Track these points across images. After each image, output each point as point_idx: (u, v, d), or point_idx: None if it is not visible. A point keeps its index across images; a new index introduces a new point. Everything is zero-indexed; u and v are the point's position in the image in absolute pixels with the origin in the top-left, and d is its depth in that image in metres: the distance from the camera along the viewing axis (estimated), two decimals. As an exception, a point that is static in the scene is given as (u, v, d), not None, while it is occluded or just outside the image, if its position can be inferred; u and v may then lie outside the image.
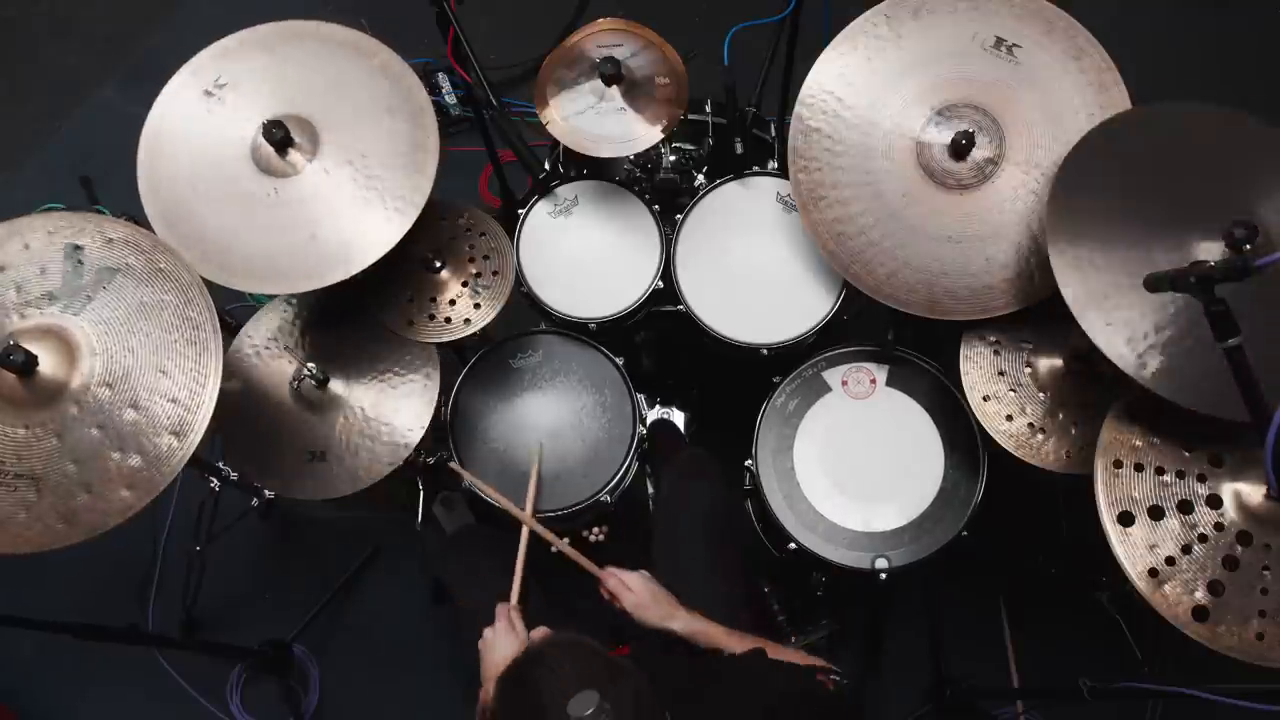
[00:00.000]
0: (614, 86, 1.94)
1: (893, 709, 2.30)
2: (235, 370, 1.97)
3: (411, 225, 1.75)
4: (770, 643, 1.50)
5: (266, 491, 1.92)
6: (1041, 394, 1.82)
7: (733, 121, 2.14)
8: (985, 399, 1.83)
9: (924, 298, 1.78)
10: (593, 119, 1.94)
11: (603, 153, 1.95)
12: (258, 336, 2.01)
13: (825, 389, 1.99)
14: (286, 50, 1.87)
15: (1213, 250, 1.48)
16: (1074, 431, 1.79)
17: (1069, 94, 1.76)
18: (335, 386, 1.93)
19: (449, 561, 2.08)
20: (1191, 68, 2.99)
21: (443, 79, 2.89)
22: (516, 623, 1.57)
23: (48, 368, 1.54)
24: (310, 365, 1.88)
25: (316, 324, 2.02)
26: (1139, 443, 1.57)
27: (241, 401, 1.94)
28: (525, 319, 2.14)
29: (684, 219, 2.10)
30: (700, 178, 2.21)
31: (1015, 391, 1.83)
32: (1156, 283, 1.38)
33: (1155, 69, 2.05)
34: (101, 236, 1.64)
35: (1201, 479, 1.54)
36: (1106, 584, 2.13)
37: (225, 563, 2.43)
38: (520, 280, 2.06)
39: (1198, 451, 1.55)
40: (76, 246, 1.63)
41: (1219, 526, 1.50)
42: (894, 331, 2.06)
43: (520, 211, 2.13)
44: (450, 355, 2.05)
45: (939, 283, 1.78)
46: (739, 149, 2.14)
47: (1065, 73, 1.77)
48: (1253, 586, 1.46)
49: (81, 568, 2.42)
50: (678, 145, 2.21)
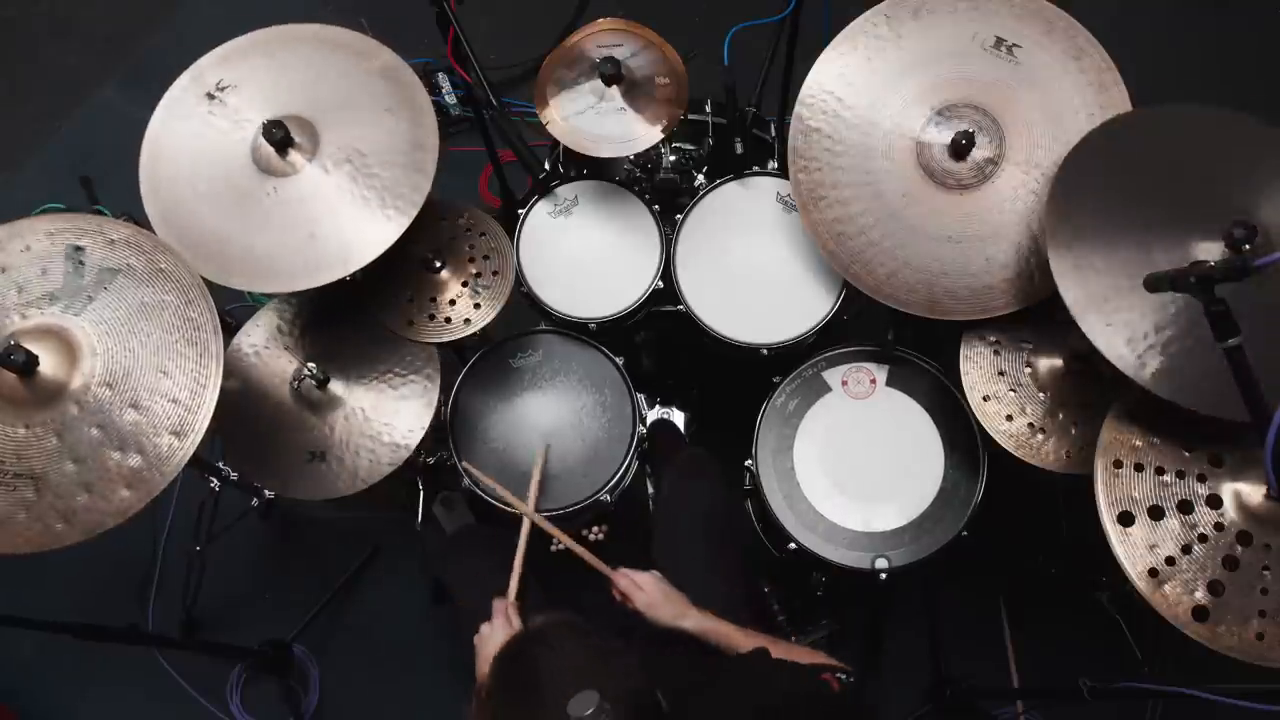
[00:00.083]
0: (614, 86, 1.94)
1: (893, 709, 2.30)
2: (234, 369, 1.97)
3: (411, 225, 1.75)
4: (780, 641, 1.50)
5: (266, 491, 1.92)
6: (1041, 394, 1.82)
7: (733, 121, 2.14)
8: (985, 399, 1.83)
9: (924, 298, 1.78)
10: (593, 119, 1.95)
11: (603, 153, 1.95)
12: (257, 336, 2.01)
13: (825, 389, 1.99)
14: (287, 52, 1.87)
15: (1212, 250, 1.48)
16: (1074, 431, 1.79)
17: (1069, 94, 1.76)
18: (335, 387, 1.93)
19: (449, 561, 2.08)
20: (1191, 68, 2.99)
21: (443, 79, 2.89)
22: (513, 618, 1.56)
23: (48, 368, 1.54)
24: (310, 365, 1.88)
25: (316, 324, 2.02)
26: (1139, 443, 1.57)
27: (241, 401, 1.94)
28: (525, 319, 2.14)
29: (684, 219, 2.10)
30: (700, 178, 2.21)
31: (1015, 391, 1.83)
32: (1156, 283, 1.38)
33: (1155, 69, 2.05)
34: (103, 237, 1.64)
35: (1201, 479, 1.54)
36: (1106, 584, 2.13)
37: (225, 563, 2.43)
38: (520, 280, 2.06)
39: (1198, 451, 1.55)
40: (78, 247, 1.63)
41: (1219, 526, 1.50)
42: (894, 331, 2.06)
43: (520, 211, 2.13)
44: (450, 355, 2.05)
45: (939, 283, 1.78)
46: (739, 149, 2.14)
47: (1065, 73, 1.77)
48: (1253, 586, 1.46)
49: (81, 568, 2.42)
50: (678, 145, 2.21)
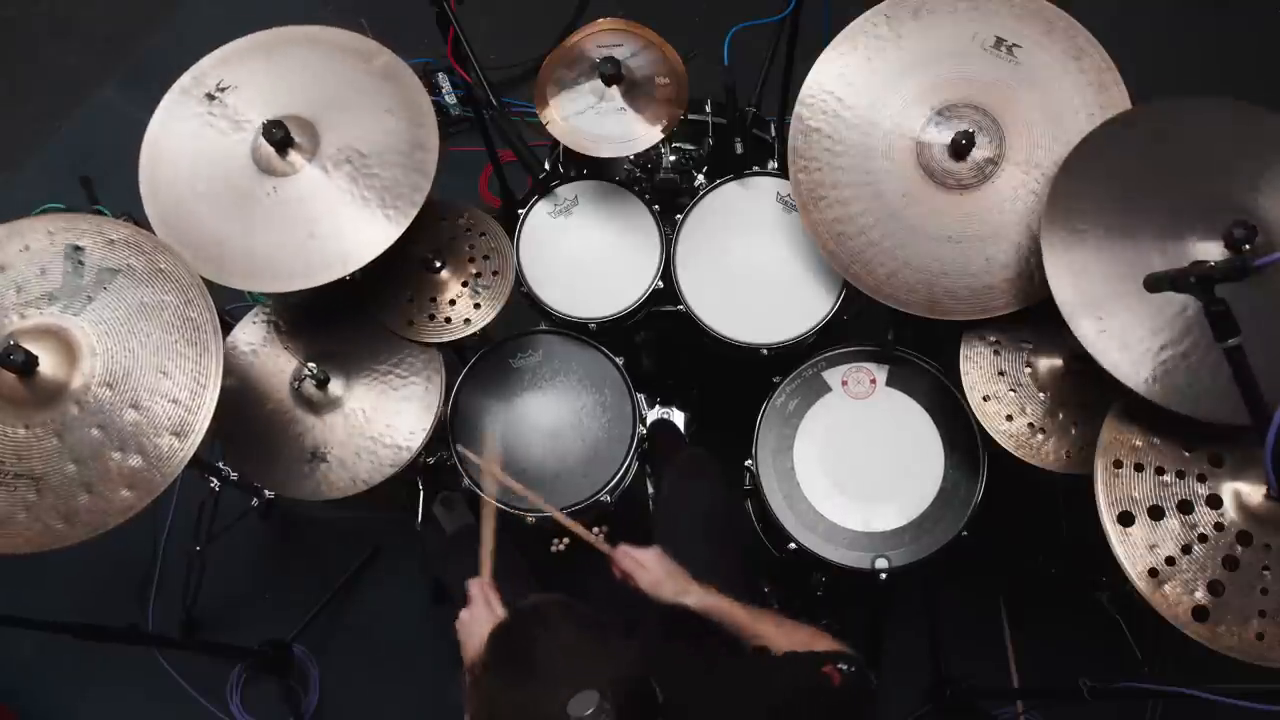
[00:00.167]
0: (614, 86, 1.94)
1: (893, 709, 2.30)
2: (231, 367, 1.96)
3: (411, 225, 1.75)
4: (784, 618, 1.47)
5: (266, 491, 1.92)
6: (1041, 394, 1.82)
7: (733, 121, 2.14)
8: (985, 399, 1.83)
9: (924, 298, 1.78)
10: (593, 119, 1.95)
11: (603, 153, 1.95)
12: (253, 333, 2.01)
13: (825, 389, 1.99)
14: (287, 52, 1.87)
15: (1212, 250, 1.49)
16: (1074, 431, 1.79)
17: (1069, 94, 1.76)
18: (335, 387, 1.93)
19: (449, 561, 2.08)
20: (1191, 68, 2.99)
21: (443, 79, 2.89)
22: (492, 599, 1.50)
23: (48, 368, 1.54)
24: (310, 365, 1.88)
25: (316, 324, 2.02)
26: (1139, 443, 1.57)
27: (241, 401, 1.94)
28: (525, 319, 2.14)
29: (684, 219, 2.10)
30: (700, 178, 2.21)
31: (1015, 391, 1.83)
32: (1156, 283, 1.38)
33: (1155, 69, 2.05)
34: (102, 237, 1.64)
35: (1201, 479, 1.54)
36: (1106, 584, 2.13)
37: (225, 563, 2.43)
38: (520, 280, 2.06)
39: (1198, 451, 1.55)
40: (77, 247, 1.63)
41: (1219, 526, 1.50)
42: (894, 331, 2.06)
43: (520, 211, 2.13)
44: (450, 355, 2.05)
45: (939, 283, 1.78)
46: (739, 149, 2.14)
47: (1065, 73, 1.77)
48: (1253, 586, 1.46)
49: (81, 568, 2.42)
50: (678, 145, 2.21)
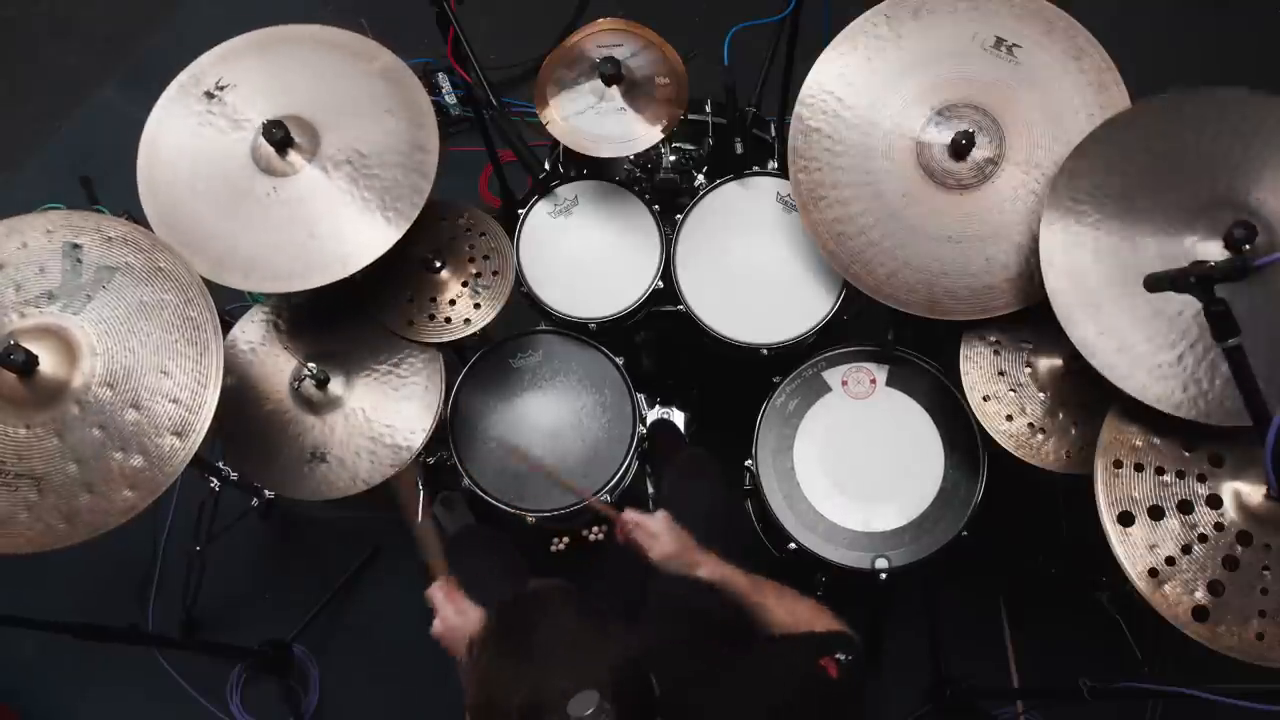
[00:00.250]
0: (614, 86, 1.94)
1: (893, 709, 2.30)
2: (230, 366, 1.95)
3: (411, 225, 1.75)
4: (785, 590, 1.45)
5: (266, 491, 1.92)
6: (1041, 394, 1.82)
7: (733, 121, 2.14)
8: (985, 399, 1.83)
9: (924, 298, 1.78)
10: (593, 119, 1.94)
11: (603, 153, 1.95)
12: (252, 332, 2.00)
13: (825, 389, 1.99)
14: (287, 52, 1.87)
15: (1212, 250, 1.49)
16: (1074, 431, 1.79)
17: (1069, 94, 1.76)
18: (335, 387, 1.93)
19: (449, 562, 2.07)
20: (1191, 68, 2.98)
21: (443, 79, 2.89)
22: (459, 599, 1.46)
23: (48, 367, 1.54)
24: (310, 365, 1.88)
25: (316, 324, 2.01)
26: (1139, 443, 1.57)
27: (241, 401, 1.94)
28: (525, 319, 2.14)
29: (684, 219, 2.10)
30: (700, 178, 2.20)
31: (1015, 391, 1.83)
32: (1157, 283, 1.38)
33: (1155, 69, 2.04)
34: (100, 235, 1.64)
35: (1201, 479, 1.54)
36: (1106, 584, 2.13)
37: (225, 563, 2.43)
38: (520, 280, 2.06)
39: (1198, 451, 1.55)
40: (75, 245, 1.63)
41: (1219, 526, 1.50)
42: (894, 331, 2.06)
43: (520, 211, 2.13)
44: (450, 355, 2.05)
45: (939, 283, 1.78)
46: (739, 149, 2.14)
47: (1065, 73, 1.77)
48: (1253, 586, 1.46)
49: (82, 568, 2.42)
50: (678, 145, 2.21)
